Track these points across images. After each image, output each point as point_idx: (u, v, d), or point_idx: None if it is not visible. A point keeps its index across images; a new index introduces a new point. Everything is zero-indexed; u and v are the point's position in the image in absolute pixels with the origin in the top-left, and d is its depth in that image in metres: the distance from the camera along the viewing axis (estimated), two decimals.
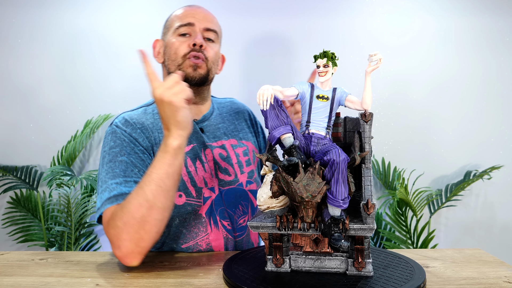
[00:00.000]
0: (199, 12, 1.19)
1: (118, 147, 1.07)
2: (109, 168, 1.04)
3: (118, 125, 1.11)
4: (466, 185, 2.06)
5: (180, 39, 1.16)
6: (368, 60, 0.83)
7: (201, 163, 1.15)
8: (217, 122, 1.25)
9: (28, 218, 2.12)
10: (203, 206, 1.13)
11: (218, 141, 1.21)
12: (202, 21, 1.17)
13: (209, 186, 1.15)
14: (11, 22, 2.10)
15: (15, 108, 2.12)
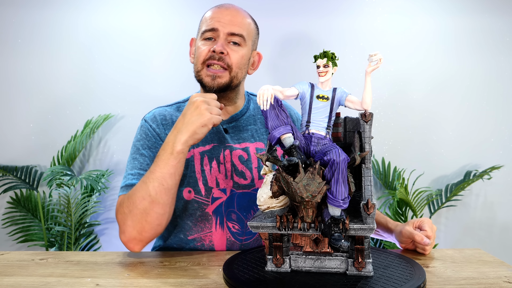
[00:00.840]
0: (225, 15, 1.16)
1: (142, 141, 1.16)
2: (132, 159, 1.13)
3: (146, 120, 1.19)
4: (466, 185, 2.06)
5: (204, 43, 1.15)
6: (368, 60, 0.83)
7: (217, 163, 1.16)
8: (247, 124, 1.24)
9: (28, 218, 2.12)
10: (211, 205, 1.15)
11: (242, 143, 1.21)
12: (227, 26, 1.14)
13: (220, 187, 1.16)
14: (11, 22, 2.10)
15: (15, 108, 2.12)
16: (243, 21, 1.18)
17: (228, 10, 1.18)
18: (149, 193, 0.99)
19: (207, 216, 1.15)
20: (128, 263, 1.01)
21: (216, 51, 1.12)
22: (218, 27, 1.14)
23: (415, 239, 1.02)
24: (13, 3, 2.10)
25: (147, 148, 1.14)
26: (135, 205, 1.00)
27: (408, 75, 2.13)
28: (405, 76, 2.14)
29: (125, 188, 1.09)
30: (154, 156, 1.11)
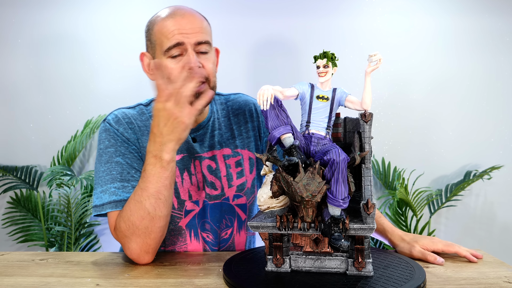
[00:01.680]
0: (185, 23, 1.05)
1: (113, 147, 1.07)
2: (107, 169, 1.05)
3: (110, 123, 1.10)
4: (466, 185, 2.06)
5: (172, 61, 1.04)
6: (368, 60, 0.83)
7: (189, 174, 1.13)
8: (213, 129, 1.19)
9: (28, 218, 2.12)
10: (184, 218, 1.13)
11: (209, 151, 1.16)
12: (191, 36, 1.04)
13: (193, 199, 1.13)
14: (11, 22, 2.10)
15: (15, 108, 2.12)
16: (202, 24, 1.09)
17: (185, 18, 1.06)
18: (147, 211, 0.95)
19: (180, 230, 1.13)
20: (128, 263, 1.01)
21: (193, 68, 1.03)
22: (183, 40, 1.03)
23: (429, 260, 0.99)
24: (13, 3, 2.10)
25: (121, 155, 1.06)
26: (136, 226, 0.96)
27: (408, 75, 2.13)
28: (405, 76, 2.14)
29: (113, 205, 1.02)
30: (130, 163, 1.05)
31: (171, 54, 1.04)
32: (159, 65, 1.02)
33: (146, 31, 1.11)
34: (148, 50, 1.10)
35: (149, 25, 1.10)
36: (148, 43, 1.10)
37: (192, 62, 1.02)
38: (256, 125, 1.23)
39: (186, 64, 1.03)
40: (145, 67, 1.11)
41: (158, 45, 1.06)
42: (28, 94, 2.12)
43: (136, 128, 1.11)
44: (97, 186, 1.07)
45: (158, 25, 1.06)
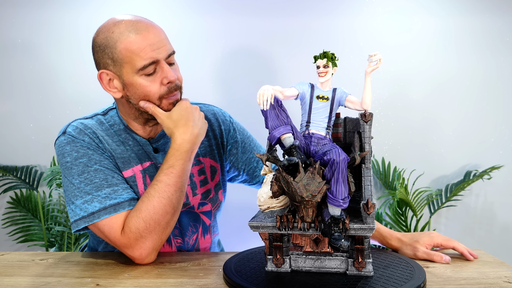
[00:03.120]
0: (152, 38, 1.02)
1: (84, 157, 1.03)
2: (86, 180, 1.01)
3: (73, 135, 1.06)
4: (466, 185, 2.06)
5: (147, 79, 1.02)
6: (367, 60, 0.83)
7: None
8: None
9: (28, 218, 2.12)
10: None
11: None
12: (162, 50, 1.02)
13: None
14: (11, 22, 2.10)
15: (15, 108, 2.12)
16: (164, 34, 1.07)
17: (150, 32, 1.03)
18: (173, 205, 1.00)
19: None
20: (128, 263, 1.01)
21: (173, 81, 1.04)
22: (157, 57, 1.01)
23: (435, 260, 1.00)
24: (13, 3, 2.10)
25: (97, 162, 1.03)
26: (158, 223, 0.98)
27: (408, 75, 2.13)
28: (405, 76, 2.14)
29: (112, 209, 0.99)
30: (110, 168, 1.04)
31: (146, 72, 1.01)
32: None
33: (103, 49, 1.03)
34: (108, 67, 1.04)
35: (106, 42, 1.03)
36: (108, 61, 1.03)
37: (171, 77, 1.03)
38: (218, 132, 1.24)
39: (164, 79, 1.03)
40: (106, 86, 1.06)
41: (127, 63, 1.01)
42: (28, 94, 2.12)
43: (100, 137, 1.08)
44: (75, 199, 1.01)
45: (124, 43, 1.00)
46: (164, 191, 0.98)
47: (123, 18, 1.04)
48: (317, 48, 0.89)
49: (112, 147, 1.08)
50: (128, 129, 1.12)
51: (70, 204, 1.03)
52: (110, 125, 1.11)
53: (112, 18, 1.06)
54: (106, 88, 1.07)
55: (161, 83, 1.03)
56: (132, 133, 1.12)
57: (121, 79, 1.04)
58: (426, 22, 2.12)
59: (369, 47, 2.09)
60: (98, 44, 1.05)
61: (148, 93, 1.03)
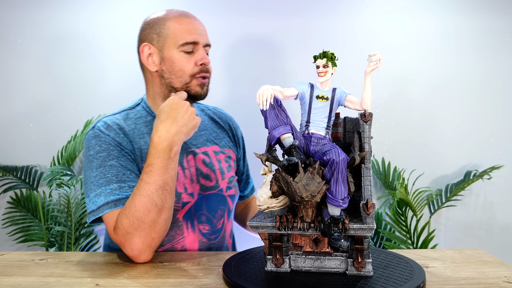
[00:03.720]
0: (198, 25, 1.18)
1: (105, 152, 1.08)
2: (100, 173, 1.06)
3: (100, 130, 1.12)
4: (466, 185, 2.06)
5: (185, 56, 1.15)
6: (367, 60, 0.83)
7: (182, 169, 1.16)
8: (200, 129, 1.26)
9: (28, 218, 2.12)
10: (181, 210, 1.15)
11: (201, 147, 1.23)
12: (203, 37, 1.18)
13: (188, 191, 1.16)
14: (11, 22, 2.10)
15: (15, 108, 2.12)
16: (206, 29, 1.22)
17: (196, 20, 1.19)
18: (155, 204, 0.98)
19: (177, 223, 1.15)
20: (128, 263, 1.01)
21: (206, 64, 1.17)
22: (198, 40, 1.16)
23: None
24: (13, 3, 2.10)
25: (114, 158, 1.08)
26: (141, 221, 0.98)
27: (408, 75, 2.13)
28: (405, 76, 2.13)
29: (112, 204, 1.03)
30: (125, 165, 1.08)
31: (185, 49, 1.15)
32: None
33: (153, 25, 1.18)
34: (152, 42, 1.17)
35: (157, 20, 1.17)
36: (154, 35, 1.17)
37: (205, 59, 1.16)
38: (232, 140, 1.35)
39: (199, 60, 1.15)
40: (144, 58, 1.19)
41: (172, 38, 1.14)
42: (28, 94, 2.12)
43: (126, 132, 1.14)
44: (90, 192, 1.07)
45: (173, 21, 1.15)
46: (144, 189, 0.99)
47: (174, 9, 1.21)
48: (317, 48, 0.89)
49: (135, 140, 1.13)
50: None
51: (86, 197, 1.09)
52: (137, 118, 1.18)
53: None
54: (144, 61, 1.19)
55: (195, 64, 1.15)
56: None
57: (161, 53, 1.16)
58: (426, 22, 2.12)
59: (369, 47, 2.09)
60: (148, 22, 1.20)
61: (183, 68, 1.15)
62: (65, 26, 2.11)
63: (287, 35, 2.10)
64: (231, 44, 2.09)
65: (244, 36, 2.10)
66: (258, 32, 2.10)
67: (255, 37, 2.10)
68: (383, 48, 2.09)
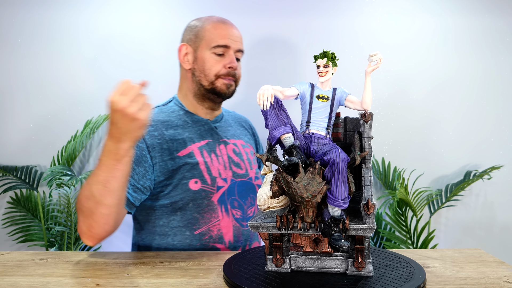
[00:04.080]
0: (233, 32, 1.29)
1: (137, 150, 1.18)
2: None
3: None
4: (466, 185, 2.06)
5: (215, 57, 1.27)
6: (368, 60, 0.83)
7: (216, 156, 1.26)
8: (227, 125, 1.39)
9: (28, 218, 2.12)
10: (216, 193, 1.22)
11: (231, 139, 1.34)
12: (236, 43, 1.29)
13: (222, 176, 1.24)
14: (11, 22, 2.10)
15: (15, 108, 2.12)
16: (241, 37, 1.33)
17: (232, 27, 1.31)
18: (93, 194, 1.00)
19: (212, 206, 1.21)
20: (128, 263, 1.01)
21: (233, 67, 1.27)
22: (230, 44, 1.27)
23: None
24: (13, 3, 2.10)
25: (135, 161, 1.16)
26: (82, 204, 1.03)
27: (408, 75, 2.13)
28: (405, 76, 2.13)
29: None
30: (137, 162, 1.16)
31: (216, 51, 1.26)
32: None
33: (193, 27, 1.31)
34: (190, 42, 1.31)
35: (199, 23, 1.31)
36: (192, 37, 1.30)
37: (233, 63, 1.27)
38: (253, 139, 1.49)
39: (228, 63, 1.26)
40: (181, 56, 1.32)
41: (207, 39, 1.27)
42: (28, 94, 2.12)
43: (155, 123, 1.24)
44: None
45: (212, 25, 1.28)
46: (90, 178, 1.02)
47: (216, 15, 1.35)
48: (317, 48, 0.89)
49: (167, 130, 1.23)
50: (188, 113, 1.32)
51: None
52: (169, 112, 1.30)
53: None
54: (180, 58, 1.32)
55: (224, 66, 1.27)
56: (192, 115, 1.31)
57: (195, 53, 1.29)
58: (426, 22, 2.12)
59: (369, 47, 2.09)
60: (190, 25, 1.34)
61: (211, 68, 1.27)
62: (65, 26, 2.11)
63: (287, 35, 2.10)
64: None
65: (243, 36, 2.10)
66: (258, 32, 2.10)
67: (255, 37, 2.10)
68: (383, 48, 2.09)
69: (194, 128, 1.29)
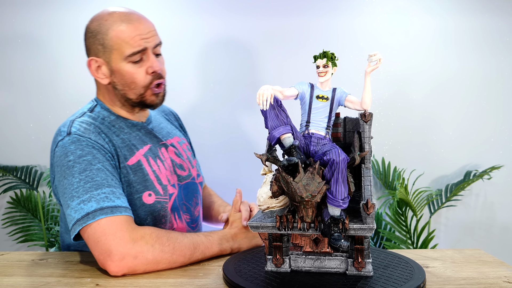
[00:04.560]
0: (143, 28, 1.09)
1: (89, 155, 1.01)
2: (87, 177, 0.98)
3: (79, 134, 1.05)
4: (466, 185, 2.06)
5: (134, 66, 1.09)
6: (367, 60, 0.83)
7: (161, 161, 1.16)
8: (158, 123, 1.26)
9: (28, 218, 2.12)
10: (170, 202, 1.15)
11: (168, 139, 1.23)
12: (151, 40, 1.10)
13: (171, 183, 1.16)
14: (11, 22, 2.10)
15: (15, 108, 2.12)
16: (154, 26, 1.14)
17: (141, 23, 1.10)
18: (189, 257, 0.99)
19: (168, 216, 1.14)
20: None
21: (157, 71, 1.10)
22: (146, 46, 1.08)
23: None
24: (13, 3, 2.10)
25: (100, 162, 1.02)
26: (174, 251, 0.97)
27: (408, 75, 2.13)
28: (405, 76, 2.13)
29: (109, 210, 0.95)
30: (111, 170, 1.03)
31: (133, 59, 1.08)
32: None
33: (95, 34, 1.10)
34: (98, 54, 1.11)
35: (99, 28, 1.10)
36: (99, 47, 1.10)
37: (156, 67, 1.10)
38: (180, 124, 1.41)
39: (149, 68, 1.10)
40: (94, 72, 1.13)
41: (117, 50, 1.08)
42: (28, 94, 2.12)
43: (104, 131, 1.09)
44: (72, 200, 0.97)
45: (115, 31, 1.08)
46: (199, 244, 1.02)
47: (117, 9, 1.12)
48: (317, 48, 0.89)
49: (113, 138, 1.09)
50: (120, 118, 1.15)
51: (66, 208, 0.98)
52: (101, 119, 1.12)
53: (106, 9, 1.13)
54: (94, 74, 1.14)
55: (146, 72, 1.10)
56: (125, 120, 1.16)
57: (109, 66, 1.10)
58: (426, 22, 2.12)
59: (369, 47, 2.09)
60: (91, 30, 1.12)
61: (134, 80, 1.10)
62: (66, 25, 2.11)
63: (287, 35, 2.10)
64: (230, 44, 2.09)
65: (243, 36, 2.10)
66: (258, 32, 2.10)
67: (255, 36, 2.10)
68: (383, 48, 2.09)
69: (132, 134, 1.14)
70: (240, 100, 2.05)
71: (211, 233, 1.07)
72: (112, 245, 0.92)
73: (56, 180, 1.04)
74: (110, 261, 0.91)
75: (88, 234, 0.94)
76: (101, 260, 0.92)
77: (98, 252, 0.93)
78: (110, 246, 0.91)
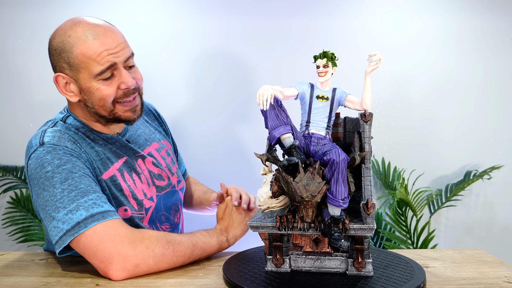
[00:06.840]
0: (110, 43, 1.00)
1: (68, 164, 0.96)
2: (70, 186, 0.94)
3: (53, 143, 1.00)
4: (466, 185, 2.06)
5: (104, 83, 1.01)
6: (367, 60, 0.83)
7: (137, 174, 1.12)
8: (136, 129, 1.20)
9: (28, 218, 2.12)
10: (146, 217, 1.12)
11: (144, 149, 1.18)
12: (120, 54, 1.01)
13: (148, 196, 1.12)
14: (11, 22, 2.10)
15: (15, 108, 2.12)
16: (122, 37, 1.05)
17: (108, 36, 1.01)
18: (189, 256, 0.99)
19: (146, 228, 1.11)
20: None
21: (130, 87, 1.03)
22: (115, 61, 1.00)
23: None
24: (13, 3, 2.10)
25: (81, 169, 0.97)
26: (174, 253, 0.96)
27: (408, 75, 2.13)
28: (405, 76, 2.13)
29: (101, 216, 0.91)
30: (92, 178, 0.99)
31: (103, 77, 1.00)
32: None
33: (60, 52, 1.01)
34: (65, 71, 1.02)
35: (63, 45, 1.01)
36: (64, 65, 1.02)
37: (129, 82, 1.02)
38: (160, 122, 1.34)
39: (122, 84, 1.02)
40: (62, 89, 1.05)
41: (84, 68, 1.00)
42: (28, 94, 2.12)
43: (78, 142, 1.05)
44: (57, 212, 0.92)
45: (80, 48, 0.99)
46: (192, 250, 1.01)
47: (81, 21, 1.02)
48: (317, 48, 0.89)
49: (87, 150, 1.05)
50: (93, 130, 1.09)
51: (50, 221, 0.92)
52: (75, 129, 1.07)
53: (70, 20, 1.03)
54: (62, 91, 1.06)
55: (118, 87, 1.03)
56: (99, 134, 1.09)
57: (78, 84, 1.02)
58: (426, 22, 2.12)
59: (369, 47, 2.09)
60: (54, 47, 1.03)
61: (104, 97, 1.02)
62: None
63: (287, 35, 2.10)
64: (230, 44, 2.09)
65: (243, 36, 2.10)
66: (258, 32, 2.10)
67: (255, 36, 2.10)
68: (383, 48, 2.09)
69: (107, 147, 1.08)
70: (240, 100, 2.05)
71: (206, 230, 1.09)
72: (113, 252, 0.89)
73: (35, 194, 0.97)
74: (112, 269, 0.89)
75: (84, 243, 0.90)
76: (102, 268, 0.90)
77: (98, 260, 0.90)
78: (110, 254, 0.89)
